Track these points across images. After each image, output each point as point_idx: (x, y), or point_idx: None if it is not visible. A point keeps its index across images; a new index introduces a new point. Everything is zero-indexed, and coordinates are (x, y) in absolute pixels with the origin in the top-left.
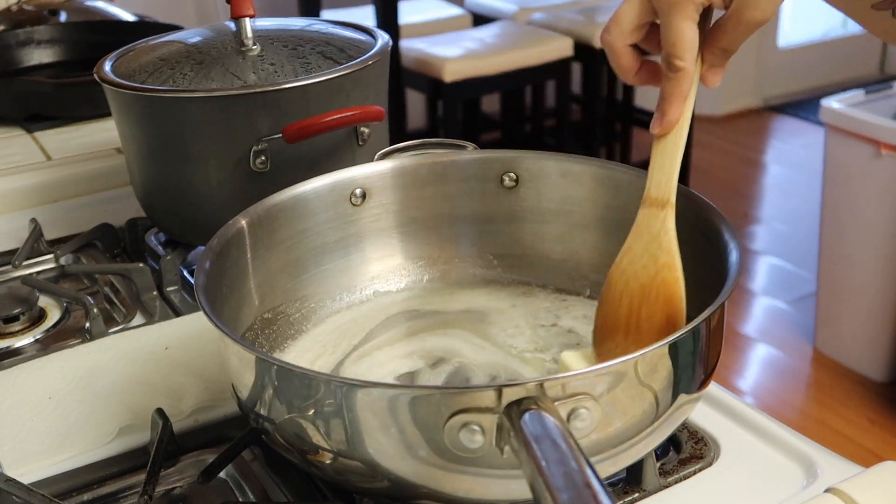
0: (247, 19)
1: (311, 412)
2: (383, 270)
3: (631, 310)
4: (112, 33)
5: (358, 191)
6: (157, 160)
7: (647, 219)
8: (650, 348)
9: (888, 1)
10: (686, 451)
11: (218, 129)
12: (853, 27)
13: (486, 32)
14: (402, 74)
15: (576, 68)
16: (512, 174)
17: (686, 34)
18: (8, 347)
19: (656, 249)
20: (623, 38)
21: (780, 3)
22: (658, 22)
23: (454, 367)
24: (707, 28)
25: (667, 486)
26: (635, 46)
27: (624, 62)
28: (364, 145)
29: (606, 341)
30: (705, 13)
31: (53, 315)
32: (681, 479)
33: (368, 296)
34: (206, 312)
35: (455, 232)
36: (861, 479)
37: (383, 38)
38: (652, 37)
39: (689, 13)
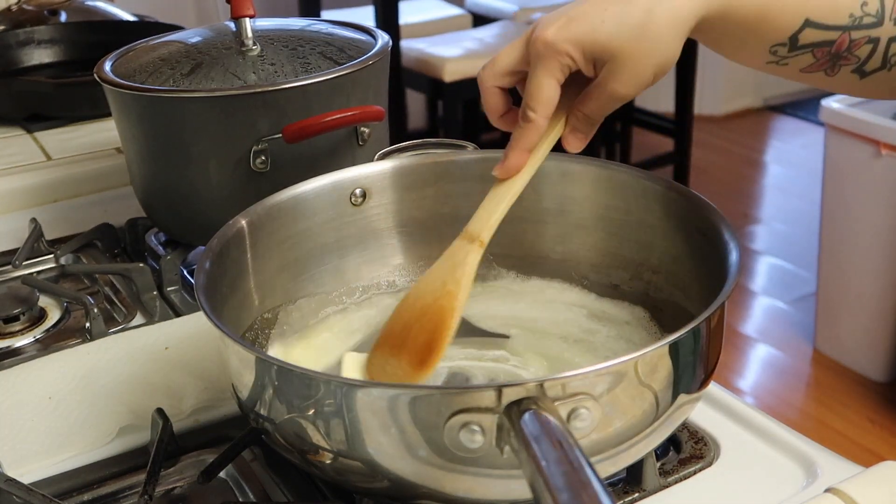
0: (247, 19)
1: (311, 412)
2: (383, 270)
3: (405, 325)
4: (112, 33)
5: (358, 191)
6: (157, 160)
7: (456, 248)
8: (650, 348)
9: (816, 65)
10: (686, 451)
11: (218, 129)
12: None
13: (486, 32)
14: (402, 74)
15: None
16: None
17: (544, 89)
18: (8, 347)
19: (449, 277)
20: (494, 79)
21: (647, 83)
22: None
23: (454, 367)
24: (576, 94)
25: (667, 486)
26: (510, 92)
27: (490, 102)
28: (364, 145)
29: (377, 350)
30: (578, 79)
31: (53, 315)
32: (681, 479)
33: (368, 296)
34: (206, 312)
35: (455, 232)
36: (861, 479)
37: (383, 38)
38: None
39: (552, 70)
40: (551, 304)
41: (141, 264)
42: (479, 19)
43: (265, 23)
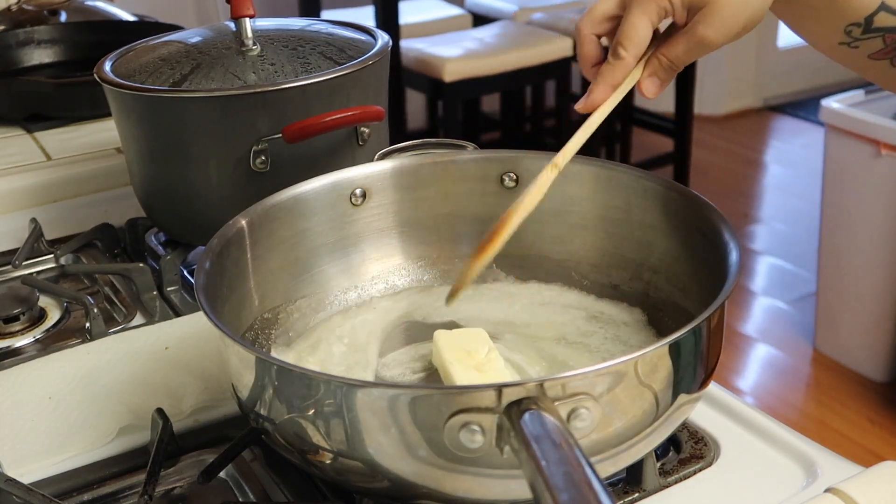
0: (247, 19)
1: (311, 412)
2: (383, 270)
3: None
4: (112, 33)
5: (358, 191)
6: (157, 160)
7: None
8: (650, 348)
9: (884, 52)
10: (686, 451)
11: (218, 129)
12: None
13: (486, 32)
14: (402, 74)
15: (576, 68)
16: (512, 174)
17: (638, 29)
18: (8, 347)
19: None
20: (592, 26)
21: (735, 33)
22: None
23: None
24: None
25: (667, 486)
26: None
27: (586, 50)
28: (364, 145)
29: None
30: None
31: (53, 315)
32: (681, 479)
33: (368, 296)
34: (206, 312)
35: (455, 232)
36: (861, 479)
37: (383, 38)
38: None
39: (649, 12)
40: (547, 307)
41: (141, 264)
42: (479, 19)
43: (265, 23)
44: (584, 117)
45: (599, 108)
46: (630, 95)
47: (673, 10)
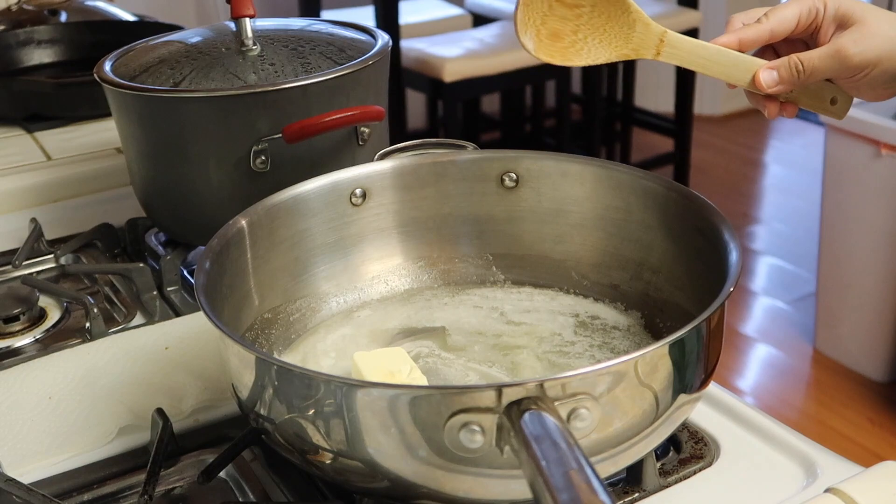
0: (247, 19)
1: (311, 412)
2: (383, 270)
3: None
4: (112, 33)
5: (358, 191)
6: (157, 160)
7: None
8: (650, 348)
9: None
10: (686, 451)
11: (218, 129)
12: None
13: (486, 32)
14: (402, 74)
15: (576, 68)
16: (512, 174)
17: (787, 10)
18: (8, 347)
19: None
20: (744, 17)
21: (871, 58)
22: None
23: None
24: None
25: (667, 486)
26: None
27: (733, 20)
28: (364, 145)
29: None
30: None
31: (53, 315)
32: (681, 479)
33: (368, 296)
34: (206, 312)
35: (455, 232)
36: (861, 479)
37: (383, 38)
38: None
39: (801, 4)
40: (532, 314)
41: (141, 264)
42: (479, 19)
43: (265, 23)
44: (588, 119)
45: (716, 43)
46: (630, 95)
47: (822, 16)
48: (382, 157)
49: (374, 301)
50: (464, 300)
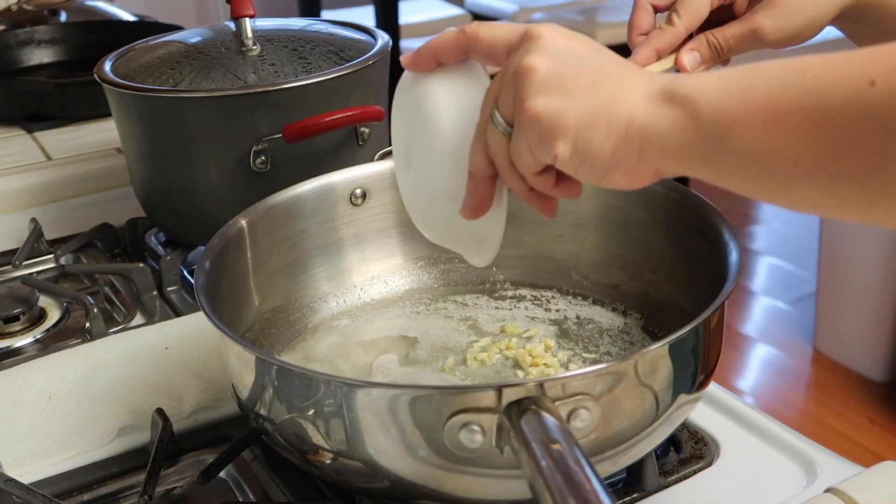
0: (247, 19)
1: (311, 412)
2: (383, 270)
3: None
4: (112, 33)
5: (358, 191)
6: (157, 160)
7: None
8: (650, 348)
9: None
10: (686, 451)
11: (218, 129)
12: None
13: None
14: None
15: None
16: None
17: (698, 1)
18: (8, 347)
19: None
20: None
21: (791, 33)
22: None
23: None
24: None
25: (667, 486)
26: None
27: (638, 18)
28: (364, 145)
29: None
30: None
31: (53, 315)
32: (681, 479)
33: (368, 296)
34: (206, 312)
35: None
36: (861, 479)
37: (383, 38)
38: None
39: None
40: (513, 323)
41: (141, 264)
42: (479, 19)
43: (265, 23)
44: None
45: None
46: None
47: None
48: (382, 157)
49: (374, 301)
50: (427, 312)
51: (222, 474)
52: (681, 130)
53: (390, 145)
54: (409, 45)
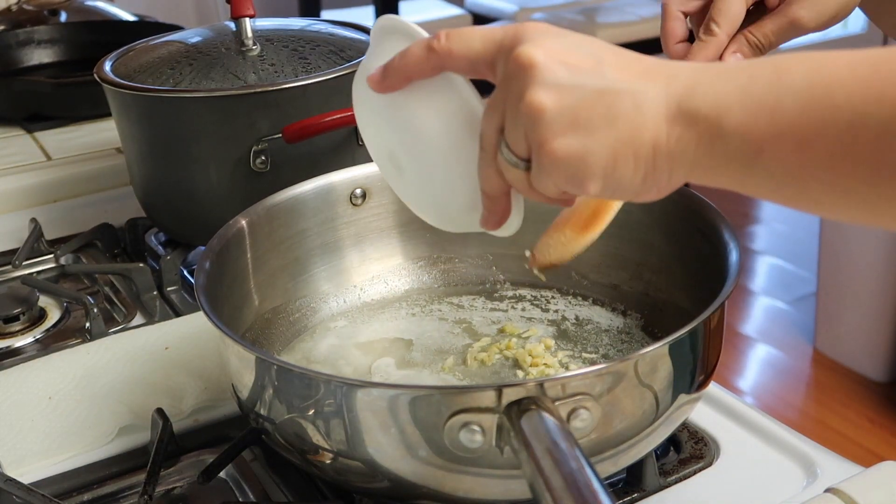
0: (247, 19)
1: (311, 412)
2: (383, 270)
3: (571, 210)
4: (112, 33)
5: (358, 191)
6: (157, 160)
7: None
8: (650, 348)
9: None
10: (686, 451)
11: (218, 129)
12: (853, 27)
13: None
14: None
15: None
16: None
17: (733, 5)
18: (8, 347)
19: None
20: (680, 3)
21: (827, 19)
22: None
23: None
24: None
25: (667, 486)
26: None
27: (671, 26)
28: (364, 145)
29: (544, 237)
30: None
31: (53, 315)
32: (681, 479)
33: (368, 296)
34: (206, 312)
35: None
36: (861, 479)
37: None
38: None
39: None
40: (509, 325)
41: (141, 264)
42: (479, 19)
43: (265, 23)
44: None
45: None
46: None
47: None
48: None
49: (374, 301)
50: (421, 312)
51: (222, 474)
52: (709, 155)
53: None
54: None
